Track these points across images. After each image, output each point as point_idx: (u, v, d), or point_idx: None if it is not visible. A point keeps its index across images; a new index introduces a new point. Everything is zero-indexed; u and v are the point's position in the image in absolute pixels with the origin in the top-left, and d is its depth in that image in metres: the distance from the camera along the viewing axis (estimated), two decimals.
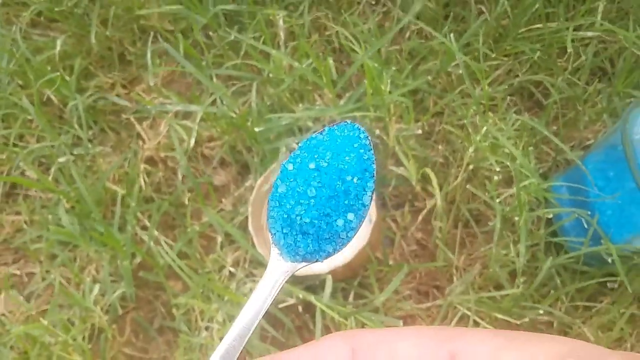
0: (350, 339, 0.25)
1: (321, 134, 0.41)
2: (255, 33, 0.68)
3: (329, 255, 0.41)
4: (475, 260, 0.66)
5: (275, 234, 0.40)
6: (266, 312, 0.32)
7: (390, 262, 0.67)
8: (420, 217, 0.67)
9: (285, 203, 0.38)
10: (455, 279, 0.66)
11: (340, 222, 0.38)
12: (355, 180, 0.38)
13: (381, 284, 0.66)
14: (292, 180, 0.39)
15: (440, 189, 0.65)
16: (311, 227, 0.38)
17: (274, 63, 0.61)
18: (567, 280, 0.61)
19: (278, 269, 0.39)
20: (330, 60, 0.55)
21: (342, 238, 0.40)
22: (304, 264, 0.41)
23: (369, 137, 0.40)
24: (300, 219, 0.37)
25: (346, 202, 0.39)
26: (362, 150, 0.40)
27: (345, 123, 0.40)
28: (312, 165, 0.38)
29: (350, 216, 0.39)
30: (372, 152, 0.40)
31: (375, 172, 0.41)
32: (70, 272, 0.66)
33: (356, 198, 0.39)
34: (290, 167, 0.40)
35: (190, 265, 0.67)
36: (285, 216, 0.38)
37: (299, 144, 0.41)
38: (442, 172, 0.67)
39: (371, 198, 0.42)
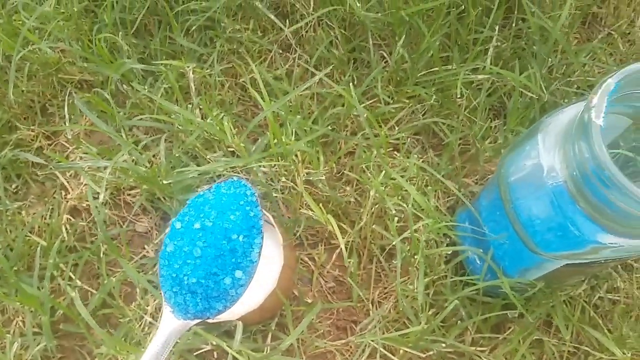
0: None
1: (209, 191, 0.42)
2: (168, 85, 0.70)
3: (219, 312, 0.43)
4: (390, 294, 0.69)
5: (165, 292, 0.42)
6: None
7: (309, 300, 0.69)
8: (334, 256, 0.70)
9: (174, 262, 0.40)
10: (371, 313, 0.69)
11: (228, 280, 0.40)
12: (241, 238, 0.40)
13: (300, 322, 0.68)
14: (179, 239, 0.40)
15: (354, 227, 0.68)
16: (199, 286, 0.39)
17: (182, 117, 0.63)
18: (472, 311, 0.64)
19: (169, 327, 0.41)
20: (225, 121, 0.58)
21: (232, 295, 0.42)
22: (196, 321, 0.43)
23: (256, 194, 0.42)
24: (188, 278, 0.39)
25: (233, 260, 0.40)
26: (248, 208, 0.41)
27: (232, 180, 0.42)
28: (197, 225, 0.40)
29: (239, 274, 0.41)
30: (259, 208, 0.42)
31: (262, 229, 0.43)
32: None
33: (244, 255, 0.41)
34: (178, 225, 0.41)
35: (113, 314, 0.68)
36: (174, 275, 0.39)
37: (188, 202, 0.42)
38: (355, 211, 0.70)
39: (259, 254, 0.44)
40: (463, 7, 0.69)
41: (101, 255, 0.67)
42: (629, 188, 0.39)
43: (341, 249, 0.70)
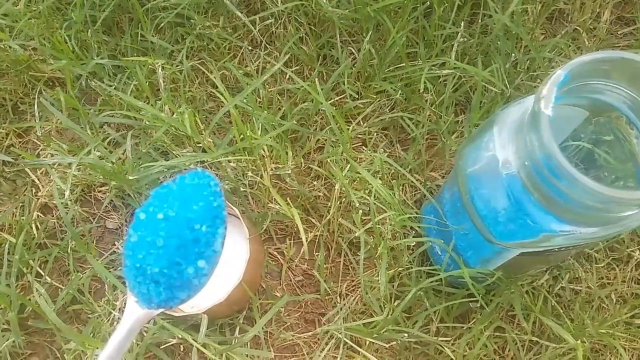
0: None
1: (173, 182, 0.43)
2: (138, 81, 0.71)
3: (183, 301, 0.43)
4: (358, 286, 0.70)
5: (129, 282, 0.42)
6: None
7: (278, 294, 0.70)
8: (302, 249, 0.71)
9: (137, 252, 0.40)
10: (338, 305, 0.69)
11: (190, 270, 0.40)
12: (204, 228, 0.40)
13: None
14: (143, 230, 0.40)
15: (322, 221, 0.69)
16: (161, 276, 0.39)
17: (149, 113, 0.64)
18: (436, 302, 0.65)
19: (133, 316, 0.41)
20: (186, 114, 0.58)
21: (195, 285, 0.42)
22: (160, 310, 0.43)
23: (219, 184, 0.42)
24: (151, 268, 0.39)
25: (196, 249, 0.40)
26: (211, 198, 0.41)
27: (196, 171, 0.42)
28: (160, 215, 0.40)
29: (202, 263, 0.41)
30: (222, 198, 0.42)
31: (226, 219, 0.43)
32: None
33: (207, 245, 0.41)
34: (142, 216, 0.41)
35: (83, 310, 0.69)
36: (137, 265, 0.39)
37: (152, 193, 0.42)
38: (323, 205, 0.71)
39: (223, 244, 0.44)
40: (429, 3, 0.70)
41: (69, 251, 0.67)
42: (577, 177, 0.40)
43: (307, 242, 0.71)
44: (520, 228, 0.49)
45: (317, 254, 0.70)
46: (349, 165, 0.63)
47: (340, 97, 0.74)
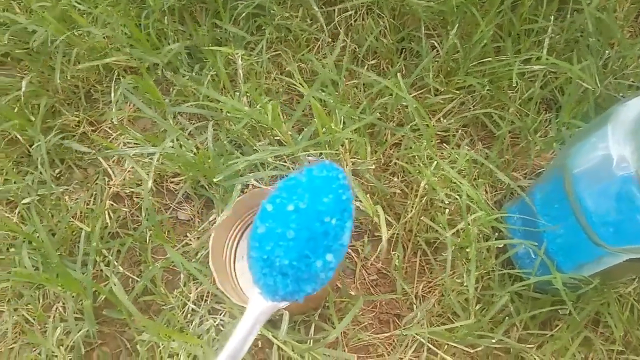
0: None
1: (301, 174, 0.41)
2: (214, 71, 0.70)
3: (307, 294, 0.41)
4: (435, 288, 0.68)
5: (255, 274, 0.41)
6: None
7: (353, 292, 0.68)
8: (379, 248, 0.69)
9: (265, 244, 0.39)
10: (415, 307, 0.67)
11: (319, 263, 0.39)
12: (333, 221, 0.38)
13: (343, 314, 0.67)
14: (271, 221, 0.39)
15: (400, 219, 0.67)
16: (290, 268, 0.38)
17: (230, 105, 0.63)
18: (521, 307, 0.63)
19: (258, 309, 0.39)
20: (269, 105, 0.57)
21: (322, 278, 0.41)
22: (284, 303, 0.42)
23: (347, 177, 0.41)
24: (280, 260, 0.38)
25: (325, 243, 0.39)
26: (340, 191, 0.40)
27: (324, 163, 0.40)
28: (290, 207, 0.38)
29: (329, 257, 0.39)
30: (350, 192, 0.41)
31: (353, 212, 0.42)
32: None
33: (335, 238, 0.39)
34: (269, 207, 0.40)
35: (155, 301, 0.68)
36: (265, 257, 0.38)
37: (279, 184, 0.41)
38: (400, 203, 0.69)
39: (350, 237, 0.42)
40: None
41: (147, 241, 0.66)
42: None
43: (386, 240, 0.69)
44: (633, 231, 0.46)
45: (393, 252, 0.68)
46: (435, 163, 0.60)
47: (419, 92, 0.72)
